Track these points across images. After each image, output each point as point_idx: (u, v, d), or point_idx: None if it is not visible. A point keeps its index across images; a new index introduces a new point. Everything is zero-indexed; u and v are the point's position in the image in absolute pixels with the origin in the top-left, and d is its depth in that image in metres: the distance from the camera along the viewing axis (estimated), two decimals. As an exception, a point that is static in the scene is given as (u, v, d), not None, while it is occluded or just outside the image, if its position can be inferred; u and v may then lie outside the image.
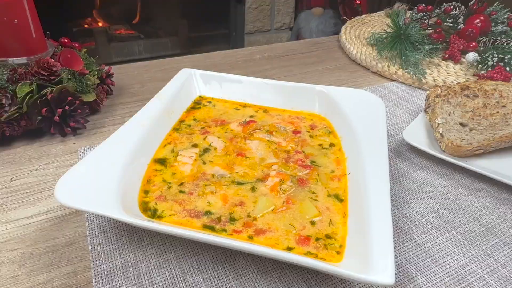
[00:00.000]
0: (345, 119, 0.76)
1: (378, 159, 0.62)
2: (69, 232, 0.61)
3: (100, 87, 0.94)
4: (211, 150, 0.71)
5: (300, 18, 3.12)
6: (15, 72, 0.78)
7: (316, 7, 3.03)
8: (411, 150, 0.83)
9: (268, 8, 3.01)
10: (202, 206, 0.58)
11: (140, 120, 0.71)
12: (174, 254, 0.57)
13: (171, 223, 0.56)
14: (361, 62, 1.25)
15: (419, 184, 0.73)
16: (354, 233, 0.53)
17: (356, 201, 0.58)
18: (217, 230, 0.54)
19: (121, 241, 0.59)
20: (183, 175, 0.64)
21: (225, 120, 0.79)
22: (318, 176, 0.63)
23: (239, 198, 0.59)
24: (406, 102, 1.03)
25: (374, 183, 0.57)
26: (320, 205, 0.59)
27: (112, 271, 0.55)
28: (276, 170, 0.64)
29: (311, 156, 0.69)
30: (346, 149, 0.71)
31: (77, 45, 0.95)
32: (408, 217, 0.66)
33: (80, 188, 0.54)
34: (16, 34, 0.78)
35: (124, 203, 0.55)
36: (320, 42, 1.46)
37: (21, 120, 0.79)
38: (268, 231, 0.54)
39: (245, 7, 2.90)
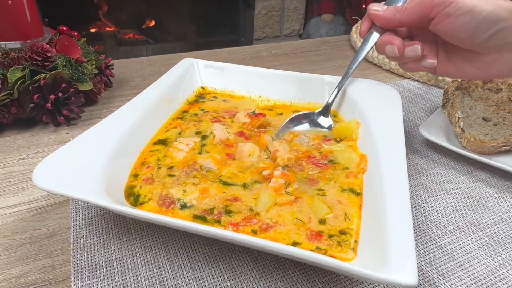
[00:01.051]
0: (358, 111, 0.70)
1: (394, 151, 0.55)
2: (51, 224, 0.56)
3: (98, 77, 0.90)
4: (209, 137, 0.65)
5: (310, 25, 3.09)
6: (7, 56, 0.74)
7: (326, 13, 3.00)
8: (429, 147, 0.76)
9: (278, 14, 2.99)
10: (177, 194, 0.52)
11: (134, 107, 0.66)
12: (165, 250, 0.51)
13: (148, 209, 0.50)
14: (373, 60, 1.19)
15: (438, 182, 0.67)
16: (369, 228, 0.46)
17: (372, 196, 0.51)
18: (209, 221, 0.48)
19: (107, 234, 0.54)
20: (174, 160, 0.59)
21: (238, 111, 0.74)
22: (332, 175, 0.57)
23: (231, 193, 0.53)
24: (422, 99, 0.96)
25: (390, 175, 0.50)
26: (330, 200, 0.52)
27: (94, 266, 0.49)
28: (281, 170, 0.57)
29: (329, 155, 0.62)
30: (360, 144, 0.65)
31: (76, 34, 0.91)
32: (427, 216, 0.59)
33: (60, 172, 0.48)
34: (10, 17, 0.74)
35: (109, 188, 0.49)
36: (330, 41, 1.41)
37: (11, 106, 0.74)
38: (276, 225, 0.48)
39: (254, 13, 2.89)
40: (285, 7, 2.98)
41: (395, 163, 0.53)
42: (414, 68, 0.64)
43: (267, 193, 0.52)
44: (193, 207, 0.51)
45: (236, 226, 0.47)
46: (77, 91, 0.79)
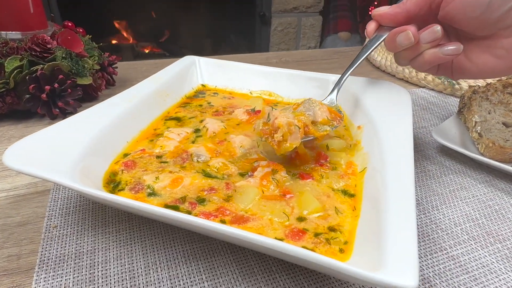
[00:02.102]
0: (364, 110, 0.65)
1: (401, 151, 0.50)
2: (27, 212, 0.52)
3: (100, 73, 0.88)
4: (202, 130, 0.61)
5: (326, 42, 3.07)
6: (6, 45, 0.73)
7: (343, 31, 2.99)
8: (442, 153, 0.70)
9: (294, 31, 2.99)
10: (148, 181, 0.48)
11: (126, 97, 0.63)
12: (141, 245, 0.47)
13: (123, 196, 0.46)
14: (386, 68, 1.14)
15: (452, 189, 0.60)
16: (366, 227, 0.41)
17: (373, 196, 0.46)
18: (181, 210, 0.44)
19: (83, 225, 0.50)
20: (163, 149, 0.55)
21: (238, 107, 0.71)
22: (325, 172, 0.51)
23: (207, 183, 0.49)
24: (436, 107, 0.91)
25: (394, 175, 0.45)
26: (323, 199, 0.47)
27: (62, 258, 0.45)
28: (265, 160, 0.53)
29: (323, 150, 0.57)
30: (364, 143, 0.59)
31: (82, 30, 0.91)
32: (437, 224, 0.52)
33: (35, 153, 0.45)
34: (12, 7, 0.74)
35: (85, 173, 0.45)
36: (342, 51, 1.38)
37: (7, 96, 0.73)
38: (250, 219, 0.43)
39: (271, 29, 2.90)
40: (301, 24, 2.99)
41: (400, 163, 0.47)
42: (432, 59, 0.53)
43: (251, 188, 0.48)
44: (161, 196, 0.46)
45: (207, 216, 0.43)
46: (74, 84, 0.78)
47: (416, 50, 0.55)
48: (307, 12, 2.97)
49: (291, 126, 0.50)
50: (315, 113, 0.54)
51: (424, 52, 0.54)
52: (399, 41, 0.54)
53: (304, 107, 0.55)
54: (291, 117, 0.51)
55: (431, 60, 0.54)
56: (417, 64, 0.57)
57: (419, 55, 0.55)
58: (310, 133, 0.52)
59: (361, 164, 0.54)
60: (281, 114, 0.52)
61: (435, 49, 0.53)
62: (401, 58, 0.58)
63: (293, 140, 0.50)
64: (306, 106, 0.55)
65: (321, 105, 0.56)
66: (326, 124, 0.54)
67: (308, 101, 0.56)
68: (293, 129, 0.50)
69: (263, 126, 0.53)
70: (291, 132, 0.50)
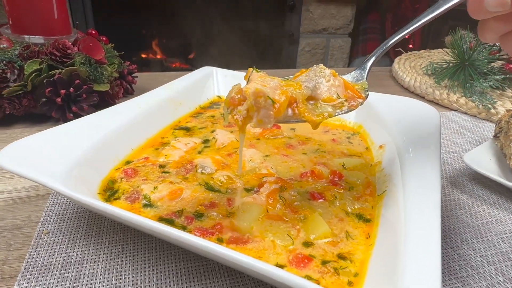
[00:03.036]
0: (388, 128, 0.60)
1: (426, 175, 0.44)
2: (23, 215, 0.50)
3: (119, 81, 0.88)
4: (211, 141, 0.58)
5: (354, 64, 3.03)
6: (27, 48, 0.74)
7: (372, 54, 2.93)
8: (474, 181, 0.63)
9: (322, 52, 2.97)
10: (146, 191, 0.45)
11: (138, 103, 0.61)
12: (132, 259, 0.43)
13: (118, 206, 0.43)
14: (415, 89, 1.08)
15: (485, 221, 0.53)
16: (381, 259, 0.35)
17: (391, 223, 0.40)
18: (176, 225, 0.40)
19: (76, 233, 0.47)
20: (168, 158, 0.52)
21: None
22: (338, 192, 0.46)
23: (208, 197, 0.45)
24: (469, 131, 0.84)
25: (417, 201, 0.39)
26: (334, 223, 0.42)
27: (48, 267, 0.42)
28: (274, 176, 0.48)
29: (338, 168, 0.52)
30: (386, 163, 0.54)
31: (105, 39, 0.92)
32: (467, 260, 0.46)
33: (31, 154, 0.43)
34: (37, 12, 0.75)
35: (81, 177, 0.43)
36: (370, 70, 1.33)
37: (24, 98, 0.73)
38: (251, 240, 0.38)
39: (298, 49, 2.89)
40: (329, 45, 2.97)
41: (425, 188, 0.41)
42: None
43: (253, 204, 0.43)
44: (158, 207, 0.43)
45: (203, 233, 0.39)
46: (91, 90, 0.77)
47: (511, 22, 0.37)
48: (336, 33, 2.96)
49: (259, 97, 0.36)
50: (317, 86, 0.40)
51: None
52: (489, 3, 0.36)
53: (306, 77, 0.41)
54: (270, 85, 0.37)
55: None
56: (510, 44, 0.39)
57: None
58: (300, 114, 0.38)
59: (380, 186, 0.48)
60: (257, 79, 0.38)
61: None
62: (487, 31, 0.40)
63: (261, 118, 0.36)
64: (309, 76, 0.41)
65: (333, 77, 0.41)
66: (331, 104, 0.39)
67: (314, 69, 0.42)
68: (262, 103, 0.36)
69: (236, 93, 0.38)
70: (259, 106, 0.36)
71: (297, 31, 2.87)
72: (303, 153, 0.57)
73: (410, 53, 1.43)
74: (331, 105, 0.40)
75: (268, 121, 0.36)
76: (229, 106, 0.38)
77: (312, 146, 0.60)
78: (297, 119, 0.38)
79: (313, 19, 2.84)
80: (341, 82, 0.41)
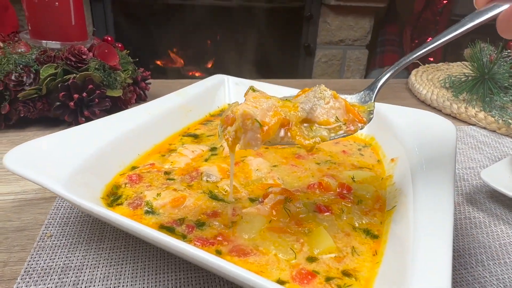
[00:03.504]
0: (401, 141, 0.58)
1: (439, 191, 0.42)
2: (28, 217, 0.50)
3: (132, 87, 0.89)
4: (218, 149, 0.57)
5: (371, 76, 3.00)
6: (44, 53, 0.75)
7: (389, 66, 2.90)
8: (492, 199, 0.60)
9: (338, 63, 2.96)
10: (148, 197, 0.45)
11: (147, 108, 0.61)
12: (132, 266, 0.42)
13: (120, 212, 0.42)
14: (432, 102, 1.06)
15: (502, 242, 0.50)
16: (388, 278, 0.33)
17: (400, 240, 0.38)
18: (177, 234, 0.39)
19: (78, 237, 0.47)
20: (174, 165, 0.52)
21: None
22: (346, 206, 0.45)
23: (211, 206, 0.44)
24: (488, 147, 0.80)
25: (429, 220, 0.37)
26: (340, 238, 0.40)
27: (47, 271, 0.41)
28: (280, 186, 0.47)
29: (347, 181, 0.51)
30: (397, 178, 0.52)
31: (120, 46, 0.93)
32: (482, 284, 0.43)
33: (36, 156, 0.43)
34: (55, 18, 0.77)
35: (85, 181, 0.43)
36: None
37: (38, 101, 0.74)
38: (252, 252, 0.37)
39: (314, 60, 2.89)
40: (346, 57, 2.95)
41: (438, 204, 0.40)
42: None
43: (256, 215, 0.42)
44: (159, 214, 0.42)
45: (203, 243, 0.38)
46: (103, 95, 0.78)
47: None
48: (353, 45, 2.94)
49: (247, 120, 0.35)
50: (314, 108, 0.38)
51: None
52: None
53: (306, 98, 0.39)
54: (263, 107, 0.36)
55: None
56: None
57: None
58: (291, 137, 0.37)
59: (390, 201, 0.46)
60: (250, 100, 0.37)
61: None
62: None
63: (248, 140, 0.36)
64: (308, 97, 0.40)
65: (333, 99, 0.40)
66: (326, 127, 0.38)
67: (315, 89, 0.41)
68: (249, 126, 0.35)
69: (231, 111, 0.38)
70: (246, 129, 0.36)
71: (314, 42, 2.87)
72: (312, 164, 0.56)
73: (428, 66, 1.40)
74: (326, 129, 0.38)
75: (255, 143, 0.36)
76: (223, 124, 0.38)
77: (321, 157, 0.59)
78: (289, 142, 0.37)
79: (330, 30, 2.83)
80: (342, 104, 0.40)
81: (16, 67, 0.73)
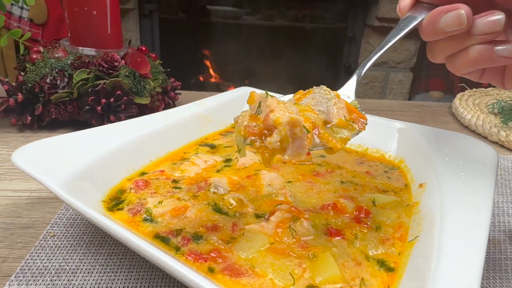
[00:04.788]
0: (433, 165, 0.52)
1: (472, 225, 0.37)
2: (37, 215, 0.51)
3: (161, 96, 0.90)
4: (233, 161, 0.55)
5: (415, 100, 2.87)
6: (78, 59, 0.78)
7: (435, 90, 2.76)
8: (542, 240, 0.52)
9: (380, 86, 2.87)
10: (149, 204, 0.43)
11: (165, 116, 0.60)
12: (125, 275, 0.40)
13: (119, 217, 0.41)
14: (476, 128, 0.97)
15: (551, 292, 0.43)
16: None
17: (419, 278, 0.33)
18: (171, 245, 0.37)
19: (80, 240, 0.46)
20: (183, 173, 0.50)
21: None
22: (361, 231, 0.40)
23: (212, 218, 0.41)
24: (540, 181, 0.71)
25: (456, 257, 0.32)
26: (349, 266, 0.36)
27: (42, 272, 0.40)
28: (290, 204, 0.43)
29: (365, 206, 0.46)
30: (424, 205, 0.47)
31: (154, 56, 0.95)
32: None
33: (46, 155, 0.43)
34: (92, 26, 0.80)
35: (88, 183, 0.42)
36: (426, 105, 1.23)
37: (69, 104, 0.77)
38: (246, 274, 0.34)
39: (355, 81, 2.82)
40: (389, 79, 2.85)
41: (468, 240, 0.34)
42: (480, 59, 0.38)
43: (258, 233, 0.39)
44: (157, 223, 0.40)
45: (196, 258, 0.35)
46: (131, 101, 0.79)
47: (461, 42, 0.39)
48: (397, 67, 2.84)
49: (295, 127, 0.32)
50: (329, 110, 0.37)
51: (471, 47, 0.38)
52: (444, 24, 0.38)
53: (314, 100, 0.37)
54: (295, 112, 0.34)
55: (478, 60, 0.38)
56: (457, 63, 0.40)
57: (462, 50, 0.39)
58: (323, 140, 0.35)
59: (413, 231, 0.41)
60: (280, 106, 0.34)
61: (487, 46, 0.37)
62: (437, 51, 0.42)
63: (296, 150, 0.33)
64: (317, 98, 0.38)
65: (338, 99, 0.39)
66: (345, 128, 0.37)
67: (319, 90, 0.39)
68: (299, 133, 0.33)
69: (249, 120, 0.36)
70: (294, 137, 0.33)
71: (355, 63, 2.82)
72: (331, 183, 0.52)
73: (476, 90, 1.30)
74: (345, 129, 0.37)
75: (303, 152, 0.33)
76: (248, 136, 0.34)
77: (342, 176, 0.54)
78: (320, 146, 0.36)
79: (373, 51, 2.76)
80: (343, 105, 0.39)
81: (52, 70, 0.76)
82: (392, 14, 2.52)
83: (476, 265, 0.30)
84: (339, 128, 0.37)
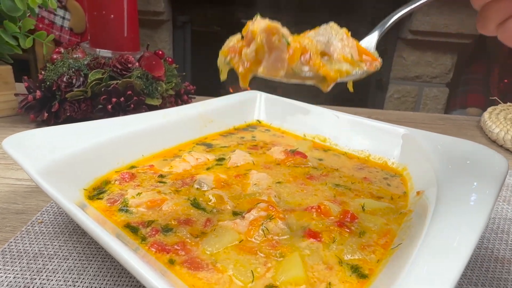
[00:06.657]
0: (434, 172, 0.48)
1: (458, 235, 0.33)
2: (31, 203, 0.52)
3: (173, 99, 0.92)
4: (225, 159, 0.54)
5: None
6: (95, 60, 0.82)
7: (473, 107, 2.61)
8: (559, 262, 0.46)
9: (413, 101, 2.76)
10: (128, 194, 0.43)
11: (166, 114, 0.61)
12: (99, 264, 0.40)
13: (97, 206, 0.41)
14: (504, 143, 0.90)
15: (562, 320, 0.38)
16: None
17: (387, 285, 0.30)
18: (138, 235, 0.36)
19: (65, 228, 0.46)
20: (171, 169, 0.50)
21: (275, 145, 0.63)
22: (342, 235, 0.38)
23: (187, 213, 0.40)
24: None
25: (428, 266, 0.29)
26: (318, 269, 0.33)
27: (20, 255, 0.41)
28: (272, 204, 0.41)
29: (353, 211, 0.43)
30: (416, 213, 0.43)
31: (170, 60, 0.97)
32: None
33: (35, 142, 0.45)
34: (109, 29, 0.83)
35: (71, 171, 0.43)
36: (452, 118, 1.16)
37: (83, 103, 0.80)
38: (206, 268, 0.32)
39: (386, 95, 2.74)
40: (423, 94, 2.74)
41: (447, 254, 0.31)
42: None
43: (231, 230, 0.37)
44: (132, 213, 0.40)
45: (159, 249, 0.34)
46: (141, 102, 0.81)
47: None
48: (432, 82, 2.73)
49: (273, 34, 0.29)
50: (329, 42, 0.34)
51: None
52: None
53: (316, 33, 0.35)
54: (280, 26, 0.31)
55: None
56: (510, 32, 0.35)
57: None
58: (315, 67, 0.32)
59: (398, 239, 0.38)
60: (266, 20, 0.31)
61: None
62: (489, 17, 0.36)
63: (273, 62, 0.30)
64: (320, 32, 0.35)
65: (346, 36, 0.36)
66: (347, 63, 0.34)
67: (325, 26, 0.36)
68: (276, 43, 0.30)
69: (236, 42, 0.34)
70: (271, 47, 0.30)
71: (387, 77, 2.74)
72: (324, 184, 0.50)
73: (510, 104, 1.22)
74: (347, 63, 0.33)
75: (281, 66, 0.31)
76: (227, 55, 0.33)
77: (336, 180, 0.52)
78: (311, 74, 0.33)
79: (406, 65, 2.68)
80: (354, 44, 0.35)
81: (69, 70, 0.80)
82: (426, 27, 2.43)
83: (451, 279, 0.27)
84: (341, 62, 0.34)
